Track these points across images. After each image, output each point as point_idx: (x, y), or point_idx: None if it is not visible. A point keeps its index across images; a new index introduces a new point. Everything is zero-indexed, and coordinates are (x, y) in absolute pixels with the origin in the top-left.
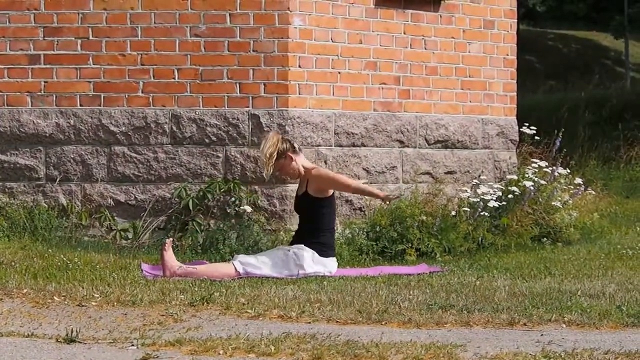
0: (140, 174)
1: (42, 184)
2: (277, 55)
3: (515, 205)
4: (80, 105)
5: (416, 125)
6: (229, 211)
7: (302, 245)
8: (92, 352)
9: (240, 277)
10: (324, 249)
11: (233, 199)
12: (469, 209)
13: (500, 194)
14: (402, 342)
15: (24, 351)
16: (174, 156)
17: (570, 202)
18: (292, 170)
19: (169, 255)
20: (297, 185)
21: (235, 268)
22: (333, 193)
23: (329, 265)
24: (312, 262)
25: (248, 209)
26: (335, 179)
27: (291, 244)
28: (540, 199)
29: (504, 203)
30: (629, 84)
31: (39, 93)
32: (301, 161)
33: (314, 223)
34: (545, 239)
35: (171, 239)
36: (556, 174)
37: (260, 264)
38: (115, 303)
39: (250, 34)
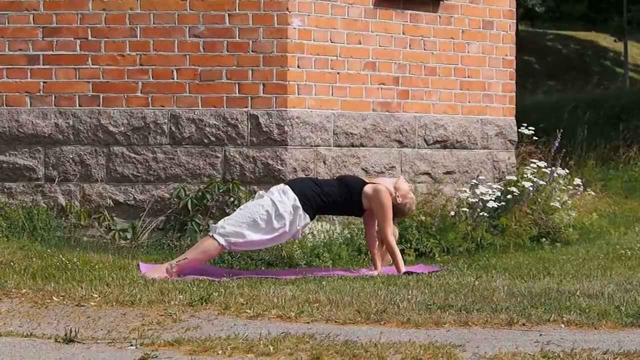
0: (139, 174)
1: (41, 184)
2: (276, 55)
3: (514, 205)
4: (79, 105)
5: (415, 125)
6: (228, 211)
7: (288, 188)
8: (91, 352)
9: (226, 251)
10: (308, 205)
11: (232, 199)
12: (467, 209)
13: (499, 194)
14: (400, 342)
15: (22, 351)
16: (173, 156)
17: (569, 202)
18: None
19: (154, 268)
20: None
21: (219, 243)
22: (368, 214)
23: (303, 217)
24: (291, 208)
25: None
26: (383, 212)
27: (291, 181)
28: (539, 200)
29: (503, 203)
30: (627, 85)
31: (38, 93)
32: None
33: (330, 195)
34: (544, 239)
35: (140, 263)
36: (555, 174)
37: (241, 228)
38: (114, 303)
39: (249, 34)
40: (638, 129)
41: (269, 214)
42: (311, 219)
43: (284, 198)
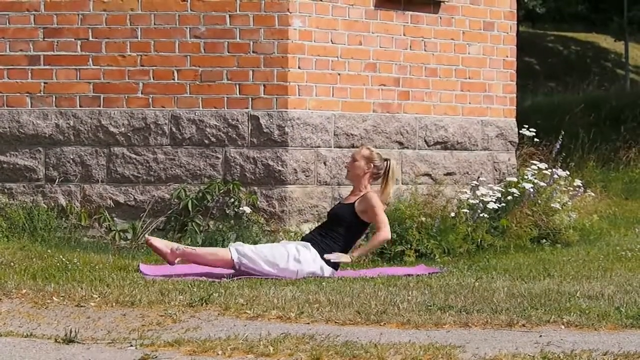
0: (139, 175)
1: (42, 184)
2: (276, 56)
3: (515, 206)
4: (80, 106)
5: (416, 126)
6: (228, 212)
7: (309, 244)
8: (91, 353)
9: (234, 270)
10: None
11: (232, 200)
12: (468, 211)
13: (499, 195)
14: (400, 342)
15: (22, 351)
16: (174, 157)
17: (570, 203)
18: (356, 171)
19: (159, 240)
20: (348, 194)
21: (231, 256)
22: (369, 225)
23: (325, 270)
24: (312, 261)
25: (247, 210)
26: (376, 214)
27: (303, 238)
28: (539, 201)
29: (503, 205)
30: (628, 86)
31: (39, 94)
32: (368, 181)
33: (336, 233)
34: (544, 240)
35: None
36: (555, 175)
37: (257, 258)
38: (114, 304)
39: (250, 35)
40: (638, 130)
41: (289, 255)
42: (335, 270)
43: (305, 250)
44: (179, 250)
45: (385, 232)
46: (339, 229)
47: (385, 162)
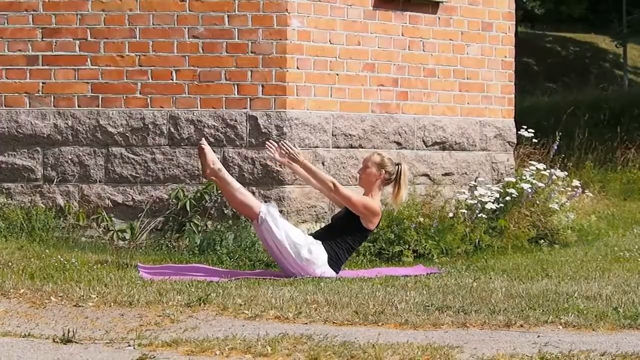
0: (137, 175)
1: (40, 184)
2: (275, 56)
3: (513, 207)
4: (78, 106)
5: (414, 126)
6: (226, 212)
7: (320, 242)
8: (89, 353)
9: (258, 222)
10: (333, 261)
11: None
12: (466, 211)
13: (497, 196)
14: (398, 343)
15: (20, 351)
16: (172, 157)
17: (568, 204)
18: (368, 178)
19: (212, 152)
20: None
21: (260, 209)
22: (370, 230)
23: (327, 273)
24: (320, 261)
25: None
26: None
27: (314, 235)
28: (537, 201)
29: (502, 205)
30: (627, 86)
31: (37, 94)
32: (378, 188)
33: (339, 237)
34: (542, 240)
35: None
36: (554, 176)
37: (281, 225)
38: (112, 303)
39: (249, 35)
40: (637, 130)
41: (306, 241)
42: (337, 273)
43: (318, 247)
44: (220, 172)
45: (334, 185)
46: (341, 234)
47: (397, 166)
